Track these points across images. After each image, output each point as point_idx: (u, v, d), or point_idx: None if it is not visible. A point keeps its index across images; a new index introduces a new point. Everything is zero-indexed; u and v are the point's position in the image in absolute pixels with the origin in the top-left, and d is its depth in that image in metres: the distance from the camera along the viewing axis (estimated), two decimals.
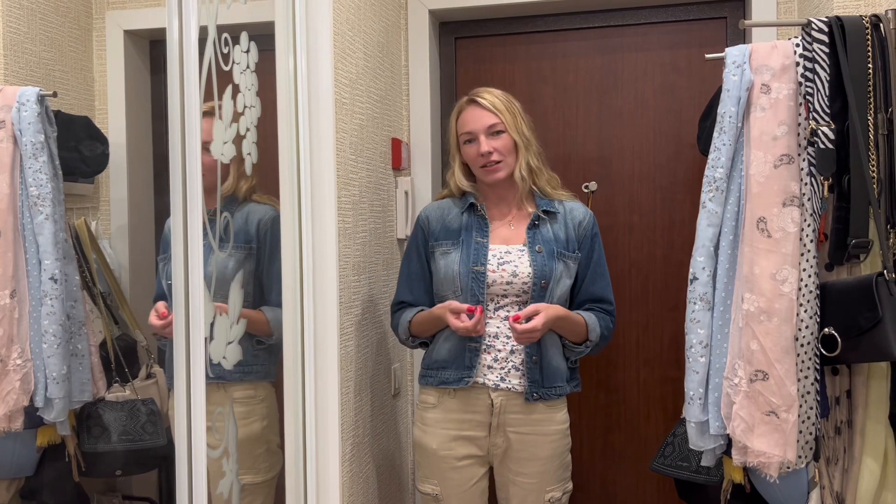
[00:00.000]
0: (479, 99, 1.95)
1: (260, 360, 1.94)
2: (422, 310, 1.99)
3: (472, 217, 2.00)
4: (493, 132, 1.93)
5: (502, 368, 1.92)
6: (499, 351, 1.93)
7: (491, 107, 1.93)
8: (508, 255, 1.94)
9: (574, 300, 2.01)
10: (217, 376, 1.34)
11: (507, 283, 1.92)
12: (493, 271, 1.92)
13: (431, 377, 1.99)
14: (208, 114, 1.38)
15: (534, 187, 1.99)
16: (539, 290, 1.91)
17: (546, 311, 1.84)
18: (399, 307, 2.07)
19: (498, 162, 1.93)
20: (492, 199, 2.02)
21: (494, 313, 1.94)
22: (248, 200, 1.93)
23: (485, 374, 1.93)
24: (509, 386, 1.92)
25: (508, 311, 1.93)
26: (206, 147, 1.35)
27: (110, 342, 2.07)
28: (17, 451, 1.93)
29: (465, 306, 1.86)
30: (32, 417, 1.85)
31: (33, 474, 1.97)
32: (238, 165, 1.50)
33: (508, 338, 1.93)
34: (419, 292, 2.03)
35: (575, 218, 1.99)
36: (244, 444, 1.89)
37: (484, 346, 1.93)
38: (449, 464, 1.96)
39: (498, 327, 1.93)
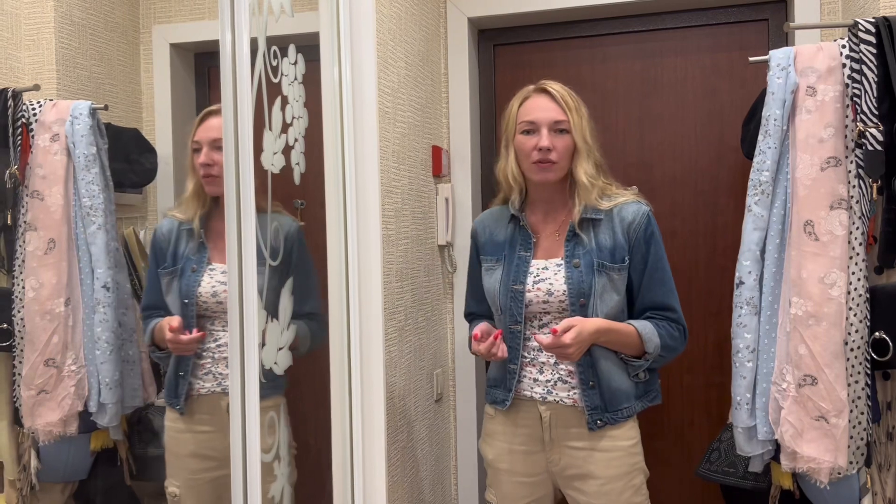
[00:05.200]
0: (550, 90, 1.79)
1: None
2: (483, 323, 1.94)
3: (517, 228, 1.88)
4: (557, 129, 1.77)
5: (548, 381, 1.81)
6: (543, 363, 1.81)
7: (561, 101, 1.77)
8: (545, 272, 1.81)
9: (634, 310, 1.83)
10: (269, 381, 1.36)
11: (544, 302, 1.79)
12: (530, 290, 1.80)
13: (488, 393, 1.93)
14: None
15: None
16: (578, 308, 1.75)
17: (580, 326, 1.66)
18: (470, 317, 2.07)
19: (554, 162, 1.77)
20: (539, 204, 1.88)
21: (539, 331, 1.82)
22: (266, 210, 1.85)
23: (532, 388, 1.82)
24: (557, 399, 1.80)
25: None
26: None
27: None
28: (71, 455, 1.97)
29: (477, 333, 1.78)
30: (86, 422, 1.90)
31: (87, 478, 2.02)
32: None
33: None
34: (483, 303, 1.97)
35: (625, 219, 1.78)
36: None
37: (528, 360, 1.83)
38: (506, 476, 1.90)
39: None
